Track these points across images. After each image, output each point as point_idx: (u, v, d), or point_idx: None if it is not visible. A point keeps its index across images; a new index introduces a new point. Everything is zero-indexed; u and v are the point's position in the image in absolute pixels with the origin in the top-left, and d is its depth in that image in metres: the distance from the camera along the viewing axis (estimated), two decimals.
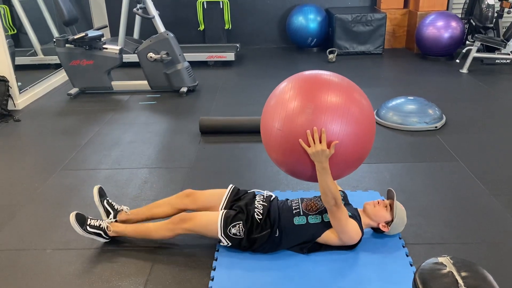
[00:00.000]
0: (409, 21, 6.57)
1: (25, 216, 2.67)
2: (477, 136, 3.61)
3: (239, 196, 2.38)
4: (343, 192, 2.40)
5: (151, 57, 4.74)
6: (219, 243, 2.26)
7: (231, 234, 2.19)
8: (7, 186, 3.04)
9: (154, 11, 4.90)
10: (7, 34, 5.01)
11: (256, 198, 2.33)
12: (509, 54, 5.30)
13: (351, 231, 2.13)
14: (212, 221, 2.20)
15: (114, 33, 6.55)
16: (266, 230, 2.18)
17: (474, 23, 5.89)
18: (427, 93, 4.60)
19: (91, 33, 4.76)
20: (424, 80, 5.17)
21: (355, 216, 2.20)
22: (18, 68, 4.84)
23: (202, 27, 6.74)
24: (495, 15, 5.70)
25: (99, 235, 2.33)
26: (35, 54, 5.83)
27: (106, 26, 5.77)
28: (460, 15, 6.11)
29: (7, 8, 5.75)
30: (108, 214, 2.42)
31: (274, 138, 2.01)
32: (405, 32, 6.70)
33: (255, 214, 2.21)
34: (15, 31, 5.97)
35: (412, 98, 3.99)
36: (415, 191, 2.82)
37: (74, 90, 4.87)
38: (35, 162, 3.39)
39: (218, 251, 2.27)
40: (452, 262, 1.29)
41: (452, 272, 1.25)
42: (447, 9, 6.41)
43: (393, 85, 5.08)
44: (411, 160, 3.25)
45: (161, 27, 4.85)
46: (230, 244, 2.21)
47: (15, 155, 3.51)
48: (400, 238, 2.34)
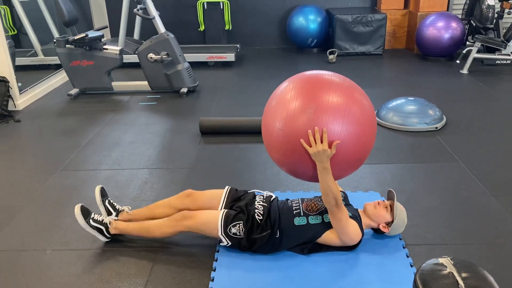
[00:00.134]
0: (409, 21, 6.57)
1: (25, 216, 2.67)
2: (477, 137, 3.61)
3: (239, 196, 2.38)
4: (344, 192, 2.40)
5: (151, 57, 4.74)
6: (220, 243, 2.26)
7: (231, 233, 2.19)
8: (7, 186, 3.04)
9: (154, 12, 4.90)
10: (8, 34, 5.01)
11: (256, 198, 2.33)
12: (509, 55, 5.30)
13: (351, 231, 2.13)
14: (213, 219, 2.21)
15: (115, 33, 6.55)
16: (267, 231, 2.18)
17: (474, 24, 5.90)
18: (427, 93, 4.60)
19: (92, 33, 4.76)
20: (425, 81, 5.17)
21: (356, 216, 2.20)
22: (18, 68, 4.85)
23: (202, 28, 6.74)
24: (496, 15, 5.71)
25: (100, 231, 2.33)
26: (35, 54, 5.83)
27: (107, 27, 5.77)
28: (460, 16, 6.11)
29: (8, 8, 5.75)
30: (109, 214, 2.42)
31: (275, 138, 2.01)
32: (405, 33, 6.70)
33: (256, 214, 2.21)
34: (16, 32, 5.98)
35: (412, 98, 3.99)
36: (416, 192, 2.82)
37: (74, 91, 4.87)
38: (35, 162, 3.39)
39: (218, 251, 2.27)
40: (452, 263, 1.29)
41: (452, 273, 1.25)
42: (448, 9, 6.41)
43: (393, 85, 5.07)
44: (411, 161, 3.24)
45: (161, 28, 4.85)
46: (230, 243, 2.21)
47: (15, 156, 3.51)
48: (400, 239, 2.33)
